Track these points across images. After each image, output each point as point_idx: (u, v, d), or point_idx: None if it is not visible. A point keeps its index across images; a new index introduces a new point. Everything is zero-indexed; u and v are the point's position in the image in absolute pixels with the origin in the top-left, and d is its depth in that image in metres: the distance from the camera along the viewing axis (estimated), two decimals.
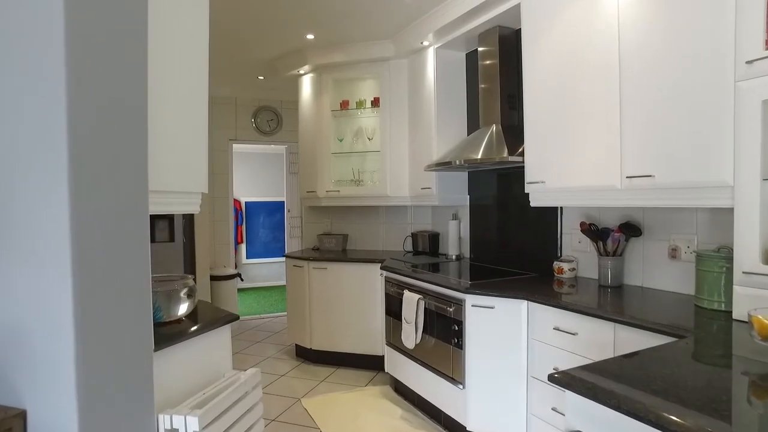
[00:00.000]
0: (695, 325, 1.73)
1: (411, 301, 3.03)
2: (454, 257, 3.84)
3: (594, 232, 2.57)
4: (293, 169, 5.75)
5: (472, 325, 2.58)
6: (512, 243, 3.36)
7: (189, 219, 4.91)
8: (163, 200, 1.65)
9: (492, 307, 2.50)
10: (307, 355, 4.26)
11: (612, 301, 2.18)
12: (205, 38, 1.84)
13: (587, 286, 2.54)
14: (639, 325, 1.79)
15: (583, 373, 1.26)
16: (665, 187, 1.97)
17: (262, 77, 5.14)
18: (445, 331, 2.79)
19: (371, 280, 3.88)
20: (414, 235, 4.31)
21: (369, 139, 4.36)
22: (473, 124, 3.73)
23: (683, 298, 2.17)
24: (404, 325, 3.10)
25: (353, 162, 4.49)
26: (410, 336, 3.03)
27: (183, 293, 1.87)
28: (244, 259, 8.34)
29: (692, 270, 2.14)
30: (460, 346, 2.65)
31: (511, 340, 2.45)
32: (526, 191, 2.76)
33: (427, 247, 4.19)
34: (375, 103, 4.25)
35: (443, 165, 3.24)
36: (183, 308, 1.87)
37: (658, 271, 2.38)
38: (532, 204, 2.74)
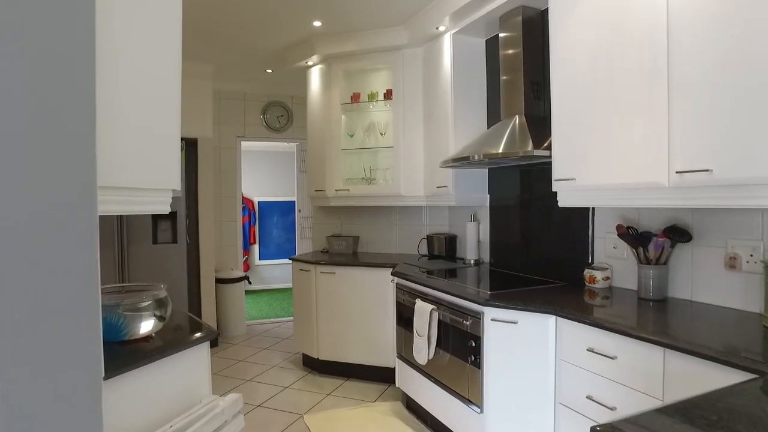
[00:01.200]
0: None
1: (423, 312, 2.73)
2: (472, 262, 3.52)
3: (633, 236, 2.23)
4: (304, 167, 5.50)
5: (492, 342, 2.27)
6: (536, 247, 3.03)
7: (193, 219, 4.69)
8: (120, 198, 1.38)
9: (514, 322, 2.18)
10: (314, 365, 3.99)
11: (657, 319, 1.84)
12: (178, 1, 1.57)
13: (624, 299, 2.21)
14: (699, 353, 1.46)
15: (635, 429, 0.95)
16: (726, 184, 1.63)
17: (270, 70, 4.90)
18: (461, 347, 2.48)
19: (382, 287, 3.59)
20: (429, 238, 4.00)
21: (381, 135, 4.07)
22: (494, 117, 3.42)
23: (745, 316, 1.83)
24: (416, 338, 2.80)
25: (365, 159, 4.21)
26: (422, 351, 2.73)
27: (150, 306, 1.60)
28: (257, 260, 8.13)
29: (757, 283, 1.80)
30: (477, 364, 2.34)
31: (536, 361, 2.13)
32: (553, 189, 2.43)
33: (443, 251, 3.88)
34: (388, 95, 3.96)
35: (461, 161, 2.93)
36: (150, 324, 1.60)
37: (712, 284, 2.03)
38: (561, 204, 2.41)
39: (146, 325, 1.59)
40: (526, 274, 3.01)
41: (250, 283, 6.22)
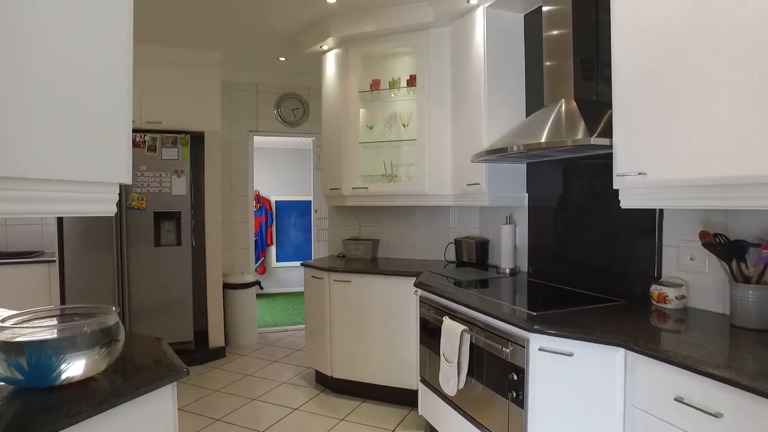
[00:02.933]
0: None
1: (452, 334, 2.28)
2: (507, 271, 3.06)
3: (723, 246, 1.75)
4: (321, 164, 5.11)
5: (540, 377, 1.81)
6: (586, 256, 2.56)
7: (200, 219, 4.33)
8: (31, 194, 0.98)
9: (569, 354, 1.72)
10: (327, 383, 3.58)
11: None
12: None
13: (712, 326, 1.73)
14: None
15: None
16: None
17: (283, 58, 4.51)
18: (499, 379, 2.03)
19: (404, 298, 3.15)
20: (457, 242, 3.55)
21: (404, 126, 3.63)
22: (534, 103, 2.95)
23: None
24: (443, 364, 2.36)
25: (385, 153, 3.78)
26: (451, 379, 2.29)
27: (94, 338, 1.20)
28: (273, 262, 7.79)
29: None
30: (520, 402, 1.89)
31: (599, 406, 1.67)
32: (614, 187, 1.96)
33: (473, 257, 3.43)
34: (411, 82, 3.53)
35: (496, 153, 2.48)
36: (93, 361, 1.20)
37: None
38: (624, 205, 1.94)
39: (88, 364, 1.19)
40: (574, 288, 2.53)
41: (261, 288, 5.86)
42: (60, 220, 3.83)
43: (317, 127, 5.21)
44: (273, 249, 7.79)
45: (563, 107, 2.37)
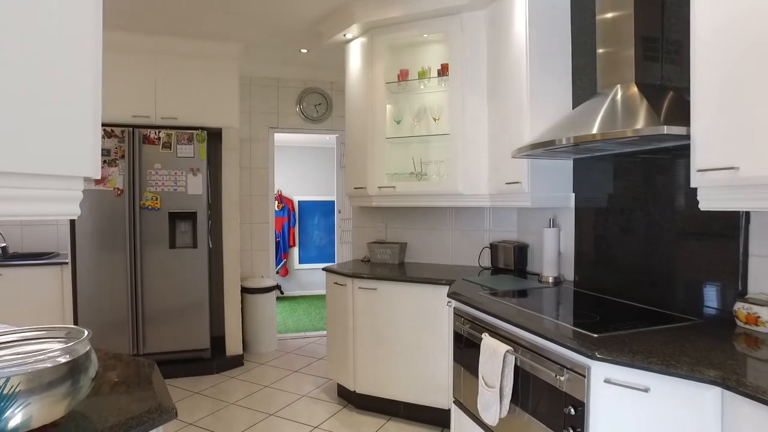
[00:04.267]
0: None
1: (494, 355, 1.98)
2: (551, 280, 2.74)
3: None
4: (344, 162, 4.85)
5: (604, 414, 1.50)
6: (646, 265, 2.22)
7: (217, 220, 4.12)
8: None
9: (645, 390, 1.40)
10: (350, 397, 3.31)
11: None
12: None
13: None
14: None
15: None
16: None
17: (305, 50, 4.26)
18: (551, 411, 1.72)
19: (435, 308, 2.86)
20: (493, 247, 3.24)
21: (435, 120, 3.34)
22: (582, 93, 2.63)
23: None
24: (483, 389, 2.06)
25: (414, 150, 3.49)
26: (491, 407, 1.98)
27: (57, 375, 0.95)
28: (296, 264, 7.58)
29: None
30: None
31: None
32: (692, 185, 1.64)
33: (511, 263, 3.12)
34: (443, 71, 3.23)
35: (543, 146, 2.17)
36: (52, 403, 0.95)
37: None
38: (705, 206, 1.61)
39: (45, 408, 0.93)
40: (630, 301, 2.20)
41: (282, 293, 5.64)
42: (72, 220, 3.66)
43: (341, 124, 4.95)
44: (295, 250, 7.58)
45: (620, 94, 2.05)
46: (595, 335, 1.63)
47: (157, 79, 3.83)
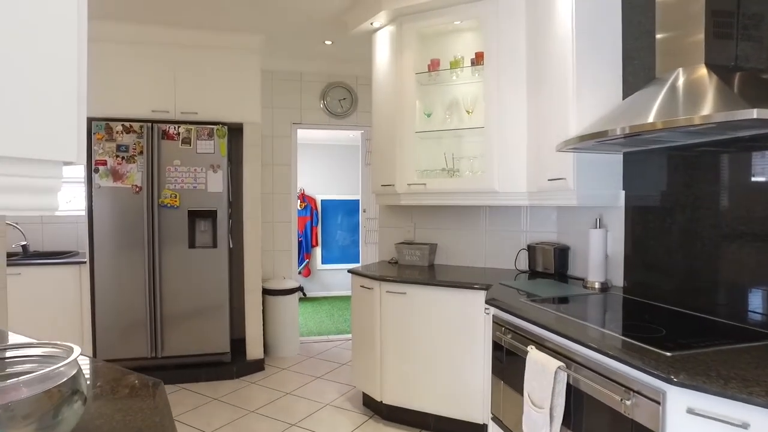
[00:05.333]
0: None
1: (543, 371, 1.76)
2: (597, 286, 2.50)
3: None
4: (370, 159, 4.66)
5: None
6: (713, 271, 1.97)
7: (238, 219, 3.97)
8: None
9: (743, 427, 1.17)
10: (377, 408, 3.12)
11: None
12: None
13: None
14: None
15: None
16: None
17: (329, 42, 4.08)
18: None
19: (470, 315, 2.65)
20: (531, 249, 3.01)
21: (468, 113, 3.12)
22: (636, 80, 2.38)
23: None
24: (529, 407, 1.84)
25: (446, 145, 3.28)
26: (539, 429, 1.76)
27: (31, 404, 0.77)
28: (318, 265, 7.42)
29: None
30: None
31: None
32: None
33: (550, 267, 2.88)
34: (477, 60, 3.01)
35: (593, 138, 1.94)
36: None
37: None
38: None
39: None
40: (695, 312, 1.95)
41: (305, 295, 5.48)
42: (90, 218, 3.55)
43: (366, 119, 4.76)
44: (318, 250, 7.42)
45: (683, 78, 1.81)
46: (669, 354, 1.40)
47: (176, 72, 3.69)
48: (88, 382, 1.13)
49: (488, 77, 2.89)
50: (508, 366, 2.15)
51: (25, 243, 4.00)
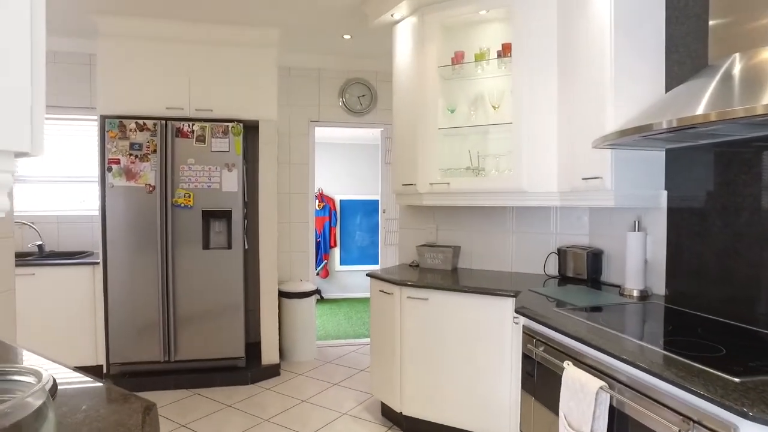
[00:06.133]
0: None
1: (582, 390, 1.58)
2: (635, 294, 2.30)
3: None
4: (389, 158, 4.51)
5: None
6: None
7: (253, 220, 3.86)
8: None
9: None
10: (396, 419, 2.96)
11: None
12: None
13: None
14: None
15: None
16: None
17: (348, 36, 3.94)
18: None
19: (497, 323, 2.48)
20: (562, 253, 2.82)
21: (494, 108, 2.95)
22: (681, 69, 2.18)
23: None
24: (565, 430, 1.66)
25: (470, 142, 3.11)
26: None
27: None
28: (337, 266, 7.29)
29: None
30: None
31: None
32: None
33: (583, 272, 2.70)
34: (504, 52, 2.84)
35: (636, 132, 1.75)
36: None
37: None
38: None
39: None
40: (757, 327, 1.75)
41: (322, 298, 5.35)
42: (103, 218, 3.46)
43: (386, 117, 4.61)
44: (336, 251, 7.29)
45: (743, 63, 1.61)
46: (737, 380, 1.21)
47: (191, 68, 3.59)
48: (67, 408, 1.00)
49: (516, 70, 2.71)
50: (540, 381, 1.98)
51: (40, 243, 3.94)
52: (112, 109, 3.47)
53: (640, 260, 2.33)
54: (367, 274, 3.11)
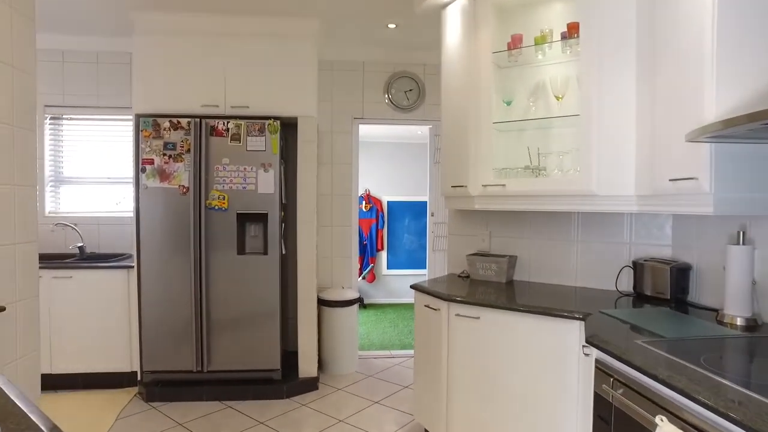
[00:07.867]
0: None
1: None
2: (738, 321, 1.87)
3: None
4: (439, 157, 4.17)
5: None
6: None
7: (291, 223, 3.63)
8: None
9: None
10: None
11: None
12: None
13: None
14: None
15: None
16: None
17: (393, 25, 3.64)
18: None
19: (560, 350, 2.10)
20: (638, 267, 2.41)
21: (557, 99, 2.56)
22: None
23: None
24: None
25: (529, 138, 2.74)
26: None
27: None
28: (384, 270, 7.02)
29: None
30: None
31: None
32: None
33: (665, 290, 2.27)
34: (570, 33, 2.45)
35: (753, 120, 1.35)
36: None
37: None
38: None
39: None
40: None
41: (364, 306, 5.08)
42: (137, 221, 3.32)
43: (435, 113, 4.28)
44: (383, 254, 7.02)
45: None
46: None
47: (226, 63, 3.40)
48: None
49: (585, 52, 2.32)
50: (618, 428, 1.60)
51: (81, 245, 3.88)
52: (146, 107, 3.34)
53: (745, 280, 1.89)
54: (411, 286, 2.80)
